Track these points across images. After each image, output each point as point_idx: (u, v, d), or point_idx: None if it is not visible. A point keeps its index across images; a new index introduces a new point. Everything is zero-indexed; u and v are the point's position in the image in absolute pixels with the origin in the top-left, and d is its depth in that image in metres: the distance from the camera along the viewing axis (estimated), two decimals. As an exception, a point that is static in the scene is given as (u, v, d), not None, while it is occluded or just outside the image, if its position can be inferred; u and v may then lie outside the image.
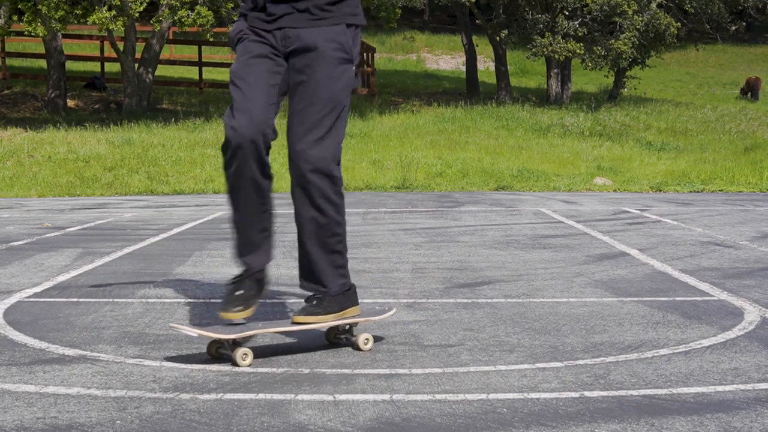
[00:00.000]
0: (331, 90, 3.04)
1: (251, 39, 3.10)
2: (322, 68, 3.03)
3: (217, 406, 2.53)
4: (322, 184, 3.04)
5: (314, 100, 3.03)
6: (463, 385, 2.72)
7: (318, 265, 3.14)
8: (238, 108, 3.01)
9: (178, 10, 16.95)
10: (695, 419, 2.39)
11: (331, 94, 3.03)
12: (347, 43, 3.07)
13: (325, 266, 3.15)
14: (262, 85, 3.04)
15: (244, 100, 3.02)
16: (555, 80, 23.18)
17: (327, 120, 3.03)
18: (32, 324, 3.63)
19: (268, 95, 3.04)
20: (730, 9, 26.73)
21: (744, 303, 4.02)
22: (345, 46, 3.06)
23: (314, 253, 3.14)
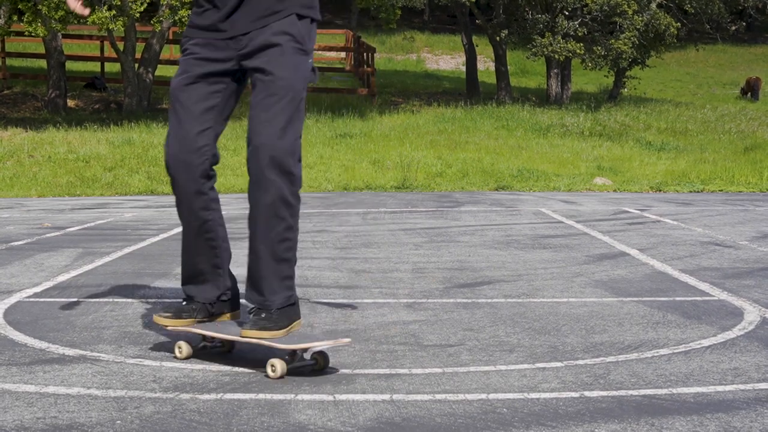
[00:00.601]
0: (287, 80, 2.93)
1: (195, 56, 3.03)
2: (277, 60, 2.93)
3: (217, 406, 2.53)
4: (281, 182, 2.89)
5: (272, 90, 2.92)
6: (463, 385, 2.72)
7: (264, 274, 2.96)
8: (172, 134, 3.04)
9: (178, 10, 16.95)
10: (695, 419, 2.39)
11: (287, 83, 2.92)
12: (299, 33, 2.97)
13: (270, 276, 2.95)
14: (198, 109, 3.01)
15: (177, 126, 3.02)
16: (555, 80, 23.18)
17: (286, 110, 2.91)
18: (32, 324, 3.63)
19: (200, 121, 3.00)
20: (730, 9, 26.73)
21: (744, 303, 4.02)
22: (297, 36, 2.97)
23: (263, 259, 2.96)
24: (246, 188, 3.20)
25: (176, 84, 3.05)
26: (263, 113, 2.91)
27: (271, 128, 2.89)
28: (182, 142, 3.00)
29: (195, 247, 3.12)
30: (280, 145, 2.89)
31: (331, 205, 9.93)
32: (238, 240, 6.53)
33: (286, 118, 2.90)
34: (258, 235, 2.97)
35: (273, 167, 2.88)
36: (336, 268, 5.06)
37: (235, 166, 13.93)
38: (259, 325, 2.89)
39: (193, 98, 3.01)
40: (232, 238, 6.26)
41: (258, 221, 2.96)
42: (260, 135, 2.91)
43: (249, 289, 3.01)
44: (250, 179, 2.95)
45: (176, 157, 3.01)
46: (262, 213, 2.94)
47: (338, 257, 5.60)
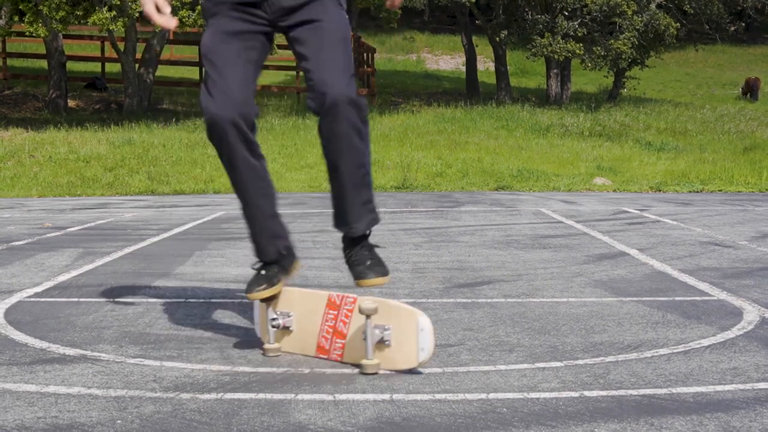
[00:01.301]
0: (341, 31, 3.03)
1: (229, 16, 3.03)
2: (327, 15, 3.02)
3: (217, 405, 2.53)
4: (351, 113, 2.98)
5: (327, 36, 3.00)
6: (463, 385, 2.72)
7: (347, 202, 3.09)
8: (216, 87, 2.96)
9: (179, 10, 16.95)
10: (695, 419, 2.40)
11: (343, 35, 3.03)
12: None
13: (353, 203, 3.09)
14: (239, 61, 2.99)
15: (220, 79, 2.97)
16: (555, 80, 23.19)
17: (345, 51, 3.02)
18: (33, 324, 3.63)
19: (244, 71, 3.00)
20: (729, 9, 26.74)
21: (743, 303, 4.03)
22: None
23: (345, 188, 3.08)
24: None
25: (210, 41, 3.01)
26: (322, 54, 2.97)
27: (335, 66, 2.96)
28: (229, 94, 2.95)
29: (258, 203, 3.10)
30: (343, 80, 2.97)
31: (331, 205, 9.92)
32: (239, 240, 6.54)
33: (345, 59, 3.00)
34: (336, 162, 3.05)
35: (345, 102, 2.95)
36: (336, 268, 5.07)
37: (235, 167, 13.93)
38: (376, 271, 3.07)
39: (232, 52, 3.00)
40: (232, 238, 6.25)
41: (334, 149, 3.03)
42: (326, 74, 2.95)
43: (336, 218, 3.15)
44: (323, 114, 2.99)
45: (225, 110, 2.94)
46: (339, 144, 3.01)
47: (338, 257, 5.59)
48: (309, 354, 3.09)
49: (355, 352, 2.96)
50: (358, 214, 3.10)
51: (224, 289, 4.42)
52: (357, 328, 2.96)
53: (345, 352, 3.00)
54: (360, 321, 2.93)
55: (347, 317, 3.00)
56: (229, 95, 2.95)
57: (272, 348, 3.09)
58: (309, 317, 3.09)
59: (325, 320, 3.05)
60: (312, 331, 3.08)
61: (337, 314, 3.03)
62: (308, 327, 3.09)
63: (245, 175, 3.04)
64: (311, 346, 3.09)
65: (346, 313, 3.01)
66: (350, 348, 2.98)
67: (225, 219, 8.30)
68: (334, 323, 3.03)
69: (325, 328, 3.05)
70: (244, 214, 3.15)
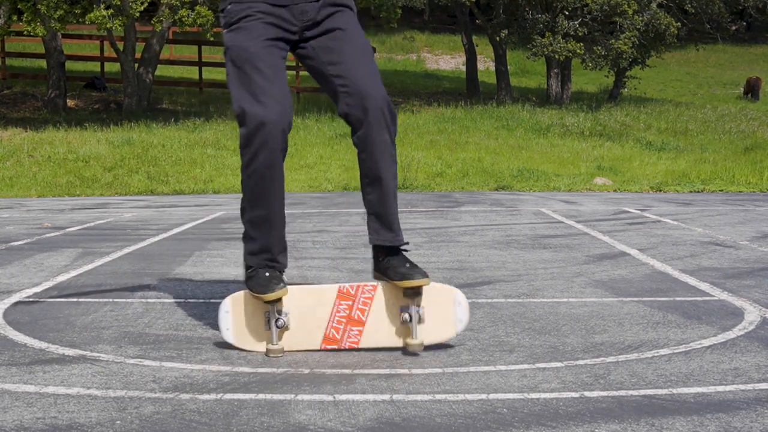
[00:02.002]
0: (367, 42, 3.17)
1: (262, 20, 3.05)
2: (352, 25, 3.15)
3: (217, 406, 2.53)
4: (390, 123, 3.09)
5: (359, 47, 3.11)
6: (463, 385, 2.72)
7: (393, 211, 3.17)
8: (266, 93, 2.97)
9: (178, 10, 16.95)
10: (695, 419, 2.39)
11: (369, 46, 3.16)
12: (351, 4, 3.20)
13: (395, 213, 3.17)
14: (282, 71, 3.05)
15: (271, 86, 2.98)
16: (555, 80, 23.18)
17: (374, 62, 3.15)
18: (32, 324, 3.63)
19: (285, 81, 3.06)
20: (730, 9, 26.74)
21: (744, 303, 4.02)
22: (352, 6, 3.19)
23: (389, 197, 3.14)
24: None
25: (251, 45, 3.01)
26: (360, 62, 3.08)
27: (373, 78, 3.08)
28: (281, 101, 2.98)
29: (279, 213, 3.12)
30: (383, 92, 3.08)
31: (331, 205, 9.93)
32: (238, 240, 6.53)
33: (377, 69, 3.13)
34: (380, 175, 3.10)
35: (386, 109, 3.06)
36: (336, 268, 5.06)
37: (235, 166, 13.93)
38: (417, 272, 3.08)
39: (276, 57, 3.05)
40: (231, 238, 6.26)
41: (379, 160, 3.08)
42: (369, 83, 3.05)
43: (379, 230, 3.19)
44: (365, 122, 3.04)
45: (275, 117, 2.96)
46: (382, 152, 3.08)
47: (338, 257, 5.60)
48: (313, 348, 3.13)
49: (376, 336, 3.13)
50: (398, 224, 3.20)
51: (224, 289, 4.41)
52: (379, 313, 3.13)
53: (363, 338, 3.13)
54: (382, 307, 3.12)
55: (365, 305, 3.13)
56: (282, 103, 2.98)
57: (277, 348, 3.09)
58: (312, 313, 3.14)
59: (336, 311, 3.14)
60: (316, 325, 3.14)
61: (352, 304, 3.14)
62: (310, 322, 3.14)
63: (277, 183, 3.06)
64: (316, 340, 3.14)
65: (365, 300, 3.13)
66: (370, 333, 3.13)
67: (224, 219, 8.30)
68: (349, 312, 3.13)
69: (336, 318, 3.14)
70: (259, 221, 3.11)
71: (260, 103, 2.96)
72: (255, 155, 3.00)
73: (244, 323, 3.14)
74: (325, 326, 3.14)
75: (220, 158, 14.54)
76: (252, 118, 2.96)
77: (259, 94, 2.96)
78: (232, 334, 3.14)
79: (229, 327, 3.14)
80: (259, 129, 2.96)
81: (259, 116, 2.95)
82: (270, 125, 2.95)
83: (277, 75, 3.01)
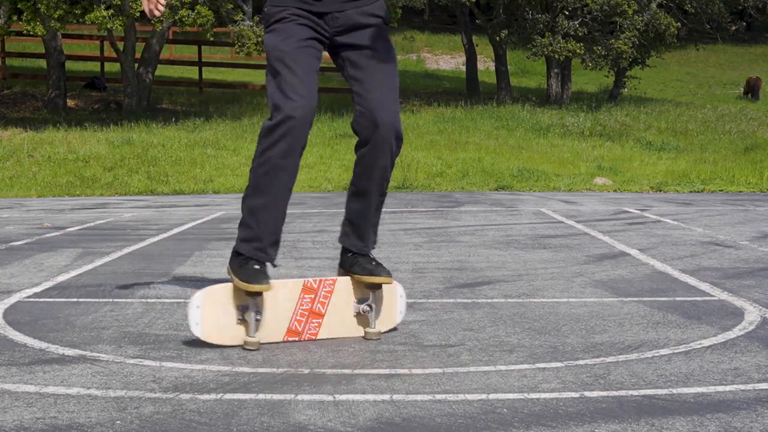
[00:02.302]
0: (389, 59, 3.27)
1: (296, 22, 3.22)
2: (384, 45, 3.27)
3: (217, 406, 2.52)
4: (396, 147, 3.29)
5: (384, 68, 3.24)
6: (463, 385, 2.72)
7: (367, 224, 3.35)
8: (296, 91, 3.12)
9: (178, 10, 16.95)
10: (695, 419, 2.39)
11: (395, 70, 3.29)
12: (386, 15, 3.32)
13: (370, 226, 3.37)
14: (313, 70, 3.20)
15: (300, 84, 3.14)
16: (555, 80, 23.18)
17: (395, 86, 3.28)
18: (32, 324, 3.62)
19: (315, 81, 3.21)
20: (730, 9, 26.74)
21: (744, 303, 4.02)
22: (385, 18, 3.32)
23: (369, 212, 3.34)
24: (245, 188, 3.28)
25: (285, 45, 3.18)
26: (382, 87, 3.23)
27: (388, 106, 3.23)
28: (309, 99, 3.14)
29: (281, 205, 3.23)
30: (396, 116, 3.26)
31: (331, 205, 9.93)
32: (238, 240, 6.53)
33: (396, 92, 3.28)
34: (368, 191, 3.30)
35: (393, 137, 3.26)
36: (336, 268, 5.05)
37: (235, 166, 13.94)
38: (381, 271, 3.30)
39: (309, 57, 3.20)
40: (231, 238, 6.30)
41: (371, 180, 3.29)
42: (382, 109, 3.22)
43: (350, 234, 3.38)
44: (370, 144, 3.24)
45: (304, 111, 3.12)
46: (376, 173, 3.27)
47: (338, 257, 5.59)
48: (276, 341, 3.25)
49: (333, 328, 3.33)
50: (369, 236, 3.39)
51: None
52: (337, 306, 3.34)
53: (321, 330, 3.32)
54: (338, 300, 3.34)
55: (326, 298, 3.32)
56: (309, 100, 3.14)
57: (254, 341, 3.18)
58: (279, 306, 3.26)
59: (300, 304, 3.28)
60: (282, 317, 3.26)
61: (314, 297, 3.30)
62: (277, 315, 3.25)
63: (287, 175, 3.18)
64: (280, 332, 3.27)
65: (325, 294, 3.32)
66: (328, 325, 3.33)
67: (224, 219, 8.30)
68: (311, 306, 3.30)
69: (299, 311, 3.28)
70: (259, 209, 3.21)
71: (289, 99, 3.11)
72: (274, 144, 3.13)
73: (215, 318, 3.18)
74: (289, 319, 3.28)
75: (220, 158, 14.53)
76: (280, 112, 3.12)
77: (288, 90, 3.12)
78: (201, 328, 3.17)
79: (199, 322, 3.17)
80: (284, 121, 3.11)
81: (287, 110, 3.11)
82: (296, 120, 3.11)
83: (307, 73, 3.16)
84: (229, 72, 25.70)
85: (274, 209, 3.21)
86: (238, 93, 22.44)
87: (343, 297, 3.35)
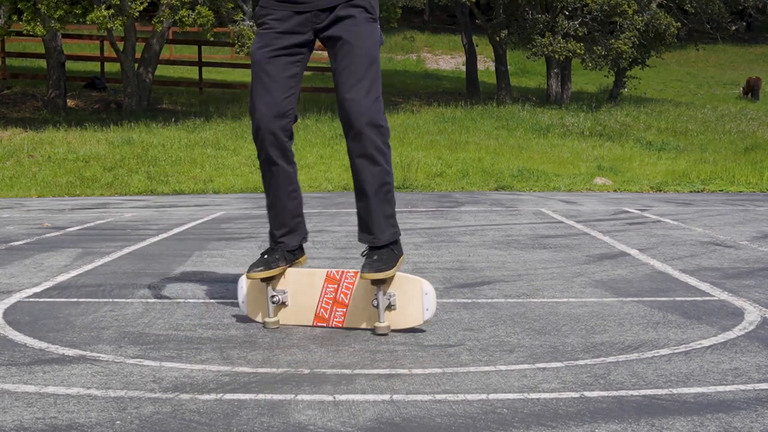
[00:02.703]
0: (366, 48, 3.37)
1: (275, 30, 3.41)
2: (356, 31, 3.37)
3: (216, 406, 2.52)
4: (374, 135, 3.35)
5: (355, 59, 3.35)
6: (463, 385, 2.72)
7: (371, 215, 3.44)
8: (260, 100, 3.40)
9: (178, 9, 16.94)
10: (695, 419, 2.39)
11: (367, 51, 3.37)
12: (370, 5, 3.42)
13: (377, 216, 3.44)
14: (283, 77, 3.40)
15: (265, 93, 3.40)
16: (555, 80, 23.18)
17: (369, 74, 3.35)
18: (32, 324, 3.62)
19: (286, 87, 3.41)
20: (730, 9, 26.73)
21: (744, 303, 4.02)
22: (369, 8, 3.42)
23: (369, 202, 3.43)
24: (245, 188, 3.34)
25: (260, 56, 3.42)
26: (349, 79, 3.35)
27: (359, 92, 3.33)
28: (271, 107, 3.40)
29: (283, 201, 3.53)
30: (366, 104, 3.33)
31: (331, 205, 9.93)
32: (238, 240, 6.53)
33: (369, 81, 3.35)
34: (362, 182, 3.42)
35: (365, 124, 3.34)
36: (337, 268, 5.05)
37: (235, 166, 13.93)
38: (374, 267, 3.35)
39: (278, 68, 3.41)
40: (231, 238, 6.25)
41: (360, 170, 3.41)
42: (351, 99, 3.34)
43: (360, 230, 3.51)
44: (348, 135, 3.39)
45: (266, 121, 3.40)
46: (362, 162, 3.40)
47: (338, 257, 5.60)
48: (306, 324, 3.53)
49: (357, 318, 3.47)
50: (380, 227, 3.47)
51: (224, 289, 4.41)
52: (358, 297, 3.46)
53: (346, 318, 3.49)
54: (361, 291, 3.46)
55: (348, 289, 3.48)
56: (273, 109, 3.39)
57: (272, 321, 3.52)
58: (305, 293, 3.53)
59: (324, 293, 3.51)
60: (309, 304, 3.53)
61: (337, 287, 3.50)
62: (304, 301, 3.53)
63: (273, 177, 3.49)
64: (309, 317, 3.53)
65: (347, 285, 3.48)
66: (352, 314, 3.48)
67: (224, 219, 8.30)
68: (335, 295, 3.50)
69: (324, 299, 3.51)
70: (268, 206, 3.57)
71: (256, 109, 3.42)
72: (258, 151, 3.48)
73: (254, 298, 3.58)
74: (315, 306, 3.52)
75: (220, 158, 14.53)
76: (252, 120, 3.46)
77: (255, 99, 3.43)
78: (246, 306, 3.61)
79: (244, 300, 3.61)
80: (255, 130, 3.45)
81: (255, 120, 3.43)
82: (261, 130, 3.41)
83: (273, 85, 3.40)
84: (229, 72, 25.71)
85: (277, 205, 3.54)
86: (238, 93, 22.44)
87: (363, 289, 3.46)
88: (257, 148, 3.47)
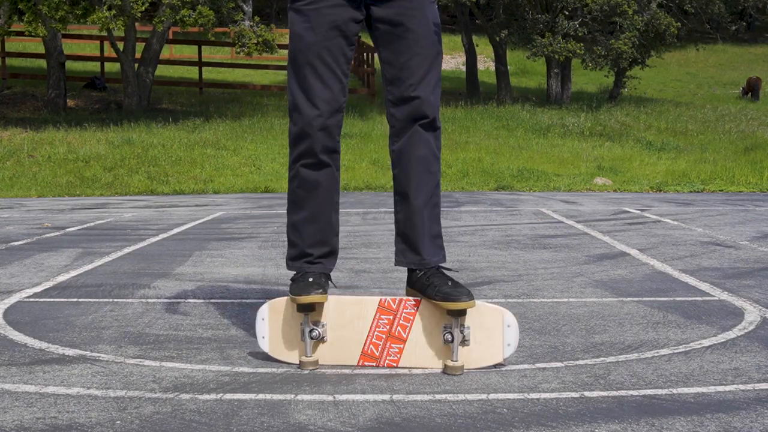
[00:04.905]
0: (431, 38, 2.89)
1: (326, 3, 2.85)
2: (418, 17, 2.86)
3: (217, 406, 2.53)
4: (432, 138, 2.94)
5: (420, 51, 2.86)
6: (463, 386, 2.72)
7: (420, 232, 2.92)
8: (317, 95, 2.86)
9: (179, 9, 16.94)
10: (695, 419, 2.39)
11: (432, 41, 2.89)
12: None
13: (426, 234, 2.93)
14: (339, 66, 2.88)
15: (323, 87, 2.86)
16: (555, 80, 23.18)
17: (435, 68, 2.91)
18: (32, 324, 3.62)
19: (343, 76, 2.90)
20: (730, 9, 26.73)
21: (744, 303, 4.02)
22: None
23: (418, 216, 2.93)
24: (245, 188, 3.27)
25: (313, 36, 2.84)
26: (415, 74, 2.86)
27: (426, 89, 2.88)
28: (330, 103, 2.87)
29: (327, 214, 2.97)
30: (435, 103, 2.91)
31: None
32: (238, 240, 6.53)
33: (436, 77, 2.92)
34: (412, 191, 2.94)
35: (429, 125, 2.92)
36: (336, 268, 5.05)
37: (235, 166, 13.94)
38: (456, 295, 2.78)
39: (334, 52, 2.86)
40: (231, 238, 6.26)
41: (411, 178, 2.93)
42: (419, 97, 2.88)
43: (406, 250, 2.96)
44: (403, 135, 2.92)
45: (322, 119, 2.87)
46: (416, 169, 2.93)
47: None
48: (350, 363, 2.93)
49: (417, 356, 2.90)
50: (430, 245, 2.95)
51: (224, 289, 4.41)
52: (420, 330, 2.89)
53: (403, 356, 2.90)
54: (423, 324, 2.88)
55: (407, 320, 2.90)
56: (331, 105, 2.88)
57: (310, 361, 2.91)
58: (349, 326, 2.93)
59: (377, 326, 2.91)
60: (355, 339, 2.92)
61: (393, 319, 2.91)
62: (349, 335, 2.93)
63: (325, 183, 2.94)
64: (353, 355, 2.93)
65: (406, 316, 2.90)
66: (411, 352, 2.90)
67: (224, 219, 8.30)
68: (389, 328, 2.90)
69: (375, 333, 2.91)
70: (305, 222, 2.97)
71: (309, 105, 2.87)
72: (301, 155, 2.93)
73: (281, 332, 2.95)
74: (363, 341, 2.91)
75: (220, 158, 14.53)
76: (299, 119, 2.90)
77: (310, 94, 2.87)
78: (269, 343, 2.97)
79: (266, 335, 2.97)
80: (305, 131, 2.89)
81: (307, 118, 2.88)
82: (317, 130, 2.88)
83: (332, 73, 2.86)
84: (229, 72, 25.71)
85: (317, 222, 2.96)
86: (238, 93, 22.44)
87: (429, 321, 2.88)
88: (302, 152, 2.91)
